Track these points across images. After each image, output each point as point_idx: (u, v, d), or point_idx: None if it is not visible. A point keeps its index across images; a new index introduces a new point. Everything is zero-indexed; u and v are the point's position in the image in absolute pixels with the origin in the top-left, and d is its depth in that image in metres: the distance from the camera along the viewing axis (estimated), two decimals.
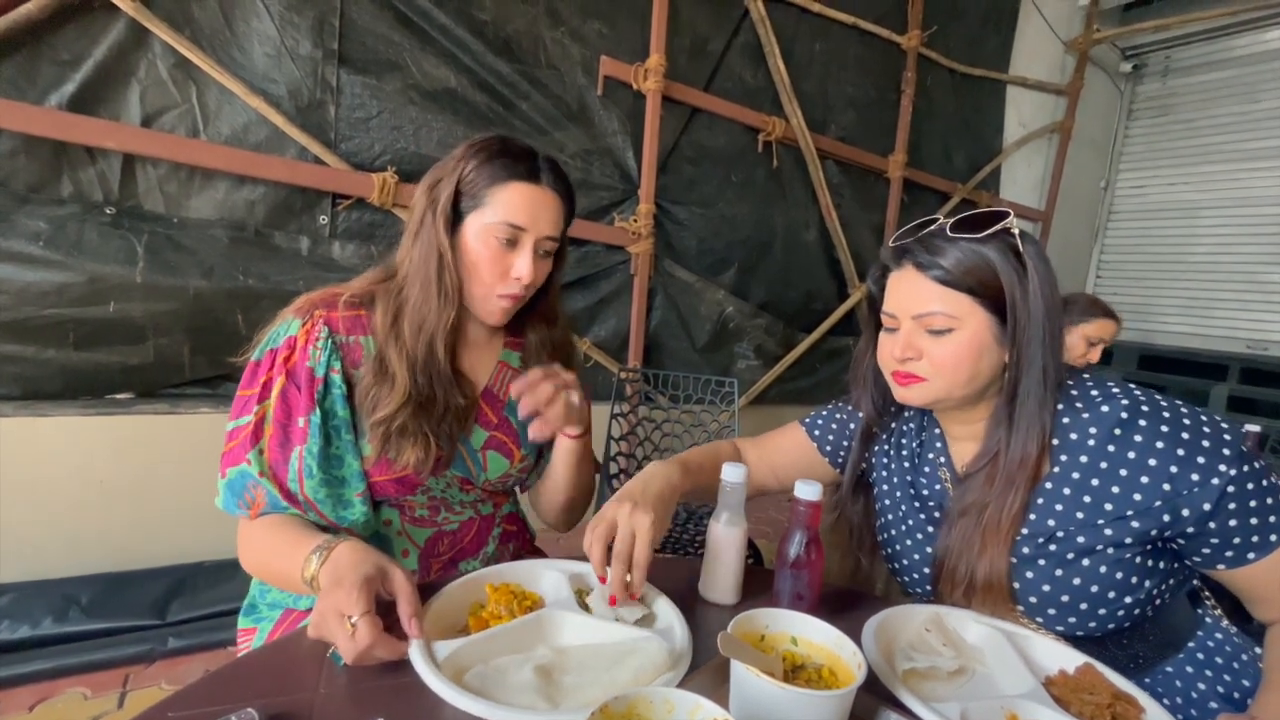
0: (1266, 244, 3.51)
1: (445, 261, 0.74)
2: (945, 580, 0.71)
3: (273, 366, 0.72)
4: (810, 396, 2.85)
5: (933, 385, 0.69)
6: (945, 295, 0.67)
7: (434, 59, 1.86)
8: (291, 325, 0.74)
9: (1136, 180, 4.05)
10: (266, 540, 0.70)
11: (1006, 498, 0.67)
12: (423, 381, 0.74)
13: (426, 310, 0.74)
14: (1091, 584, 0.64)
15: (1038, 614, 0.67)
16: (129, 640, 1.41)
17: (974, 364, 0.68)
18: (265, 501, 0.70)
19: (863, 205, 2.95)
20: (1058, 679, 0.59)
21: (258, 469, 0.69)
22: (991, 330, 0.67)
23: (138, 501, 1.58)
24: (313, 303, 0.75)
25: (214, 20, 1.57)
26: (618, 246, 2.24)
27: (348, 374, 0.74)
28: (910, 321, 0.69)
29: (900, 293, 0.71)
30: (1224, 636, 0.71)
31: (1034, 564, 0.67)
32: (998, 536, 0.67)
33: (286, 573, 0.66)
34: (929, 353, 0.68)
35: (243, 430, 0.70)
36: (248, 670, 0.53)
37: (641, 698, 0.43)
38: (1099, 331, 1.71)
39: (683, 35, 2.29)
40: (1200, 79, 3.76)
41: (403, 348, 0.74)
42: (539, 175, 0.76)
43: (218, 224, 1.62)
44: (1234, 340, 3.59)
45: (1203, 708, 0.67)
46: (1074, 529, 0.66)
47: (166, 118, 1.55)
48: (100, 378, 1.54)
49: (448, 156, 0.77)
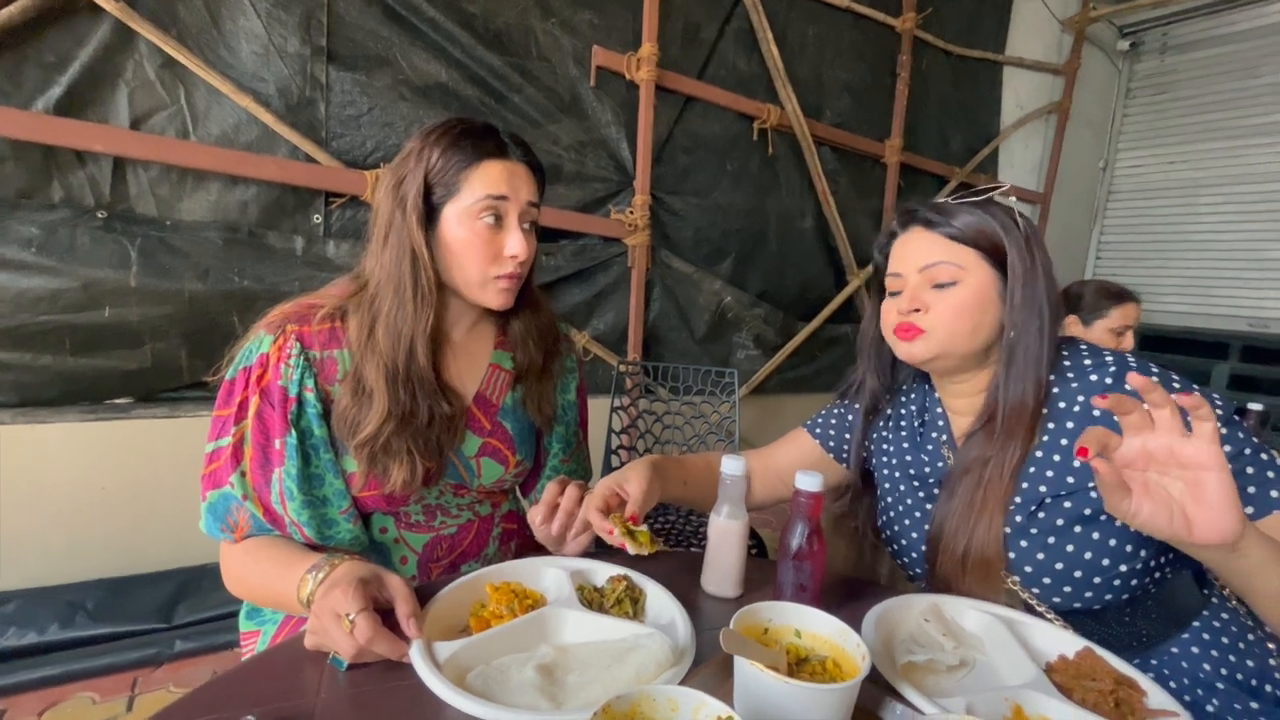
0: (1267, 221, 3.49)
1: (421, 261, 0.71)
2: (943, 554, 0.72)
3: (247, 385, 0.70)
4: (810, 385, 2.84)
5: (934, 337, 0.70)
6: (951, 248, 0.71)
7: (424, 53, 1.84)
8: (263, 341, 0.71)
9: (1135, 159, 4.01)
10: (256, 563, 0.69)
11: (1007, 452, 0.69)
12: (404, 394, 0.71)
13: (403, 314, 0.71)
14: (1084, 552, 0.65)
15: (1033, 584, 0.68)
16: (136, 644, 1.42)
17: (977, 316, 0.70)
18: (250, 525, 0.69)
19: (859, 191, 2.93)
20: (1058, 665, 0.59)
21: (241, 492, 0.68)
22: (995, 285, 0.71)
23: (140, 505, 1.58)
24: (285, 316, 0.72)
25: (200, 19, 1.55)
26: (614, 239, 2.22)
27: (323, 391, 0.71)
28: (917, 276, 0.72)
29: (907, 250, 0.74)
30: (1230, 616, 0.71)
31: (1026, 533, 0.68)
32: (999, 492, 0.69)
33: (280, 593, 0.64)
34: (933, 306, 0.71)
35: (222, 452, 0.69)
36: (247, 677, 0.53)
37: (645, 696, 0.43)
38: (1121, 319, 1.59)
39: (675, 23, 2.27)
40: (1199, 55, 3.72)
41: (380, 360, 0.70)
42: (507, 150, 0.74)
43: (211, 226, 1.61)
44: (1235, 319, 3.58)
45: (1209, 688, 0.67)
46: (1064, 494, 0.67)
47: (156, 119, 1.54)
48: (98, 383, 1.54)
49: (404, 152, 0.74)
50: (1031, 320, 0.69)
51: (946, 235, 0.71)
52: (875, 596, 0.66)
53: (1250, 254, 3.55)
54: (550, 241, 2.11)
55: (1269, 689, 0.65)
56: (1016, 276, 0.69)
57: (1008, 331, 0.70)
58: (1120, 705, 0.52)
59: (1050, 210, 3.77)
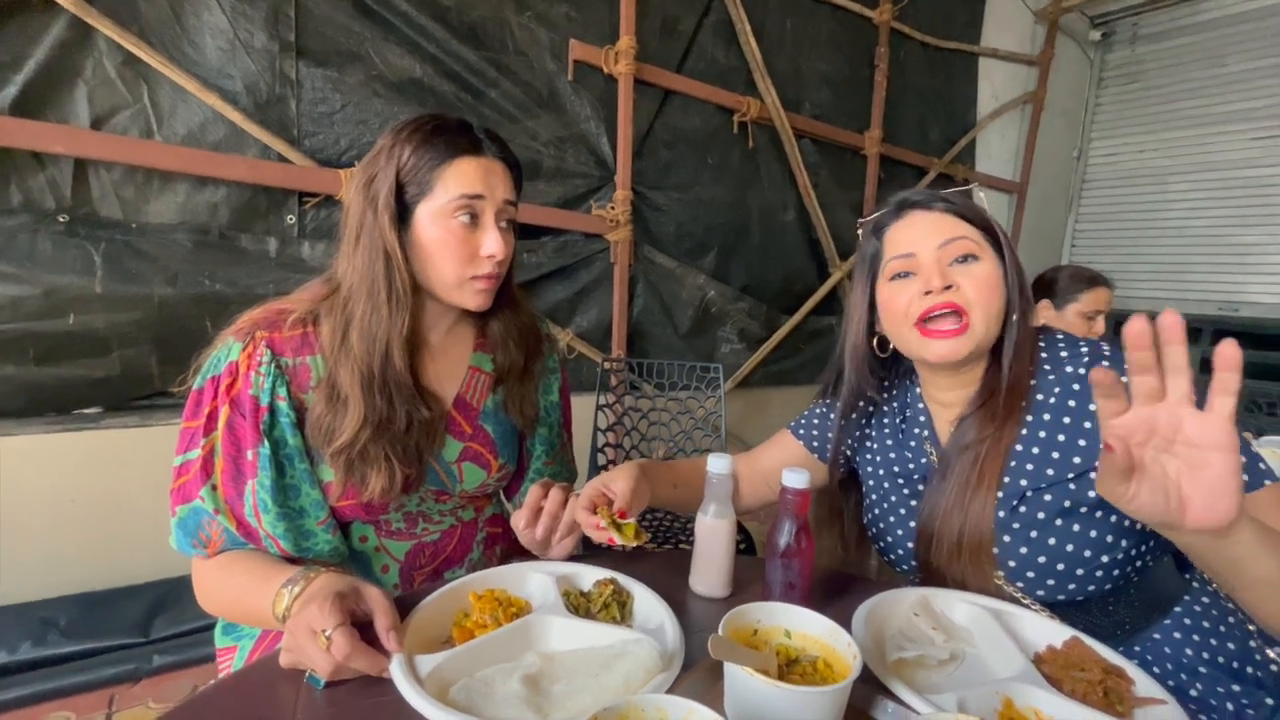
0: (1235, 207, 3.57)
1: (394, 262, 0.69)
2: (933, 547, 0.71)
3: (216, 395, 0.67)
4: (795, 378, 2.85)
5: (974, 323, 0.67)
6: (964, 225, 0.70)
7: (397, 48, 1.80)
8: (232, 349, 0.68)
9: (1108, 148, 4.08)
10: (230, 578, 0.66)
11: (1003, 431, 0.69)
12: (380, 400, 0.69)
13: (378, 318, 0.69)
14: (1066, 543, 0.65)
15: (1018, 578, 0.68)
16: (112, 660, 1.38)
17: (999, 297, 0.69)
18: (223, 539, 0.66)
19: (840, 184, 2.94)
20: (1047, 655, 0.59)
21: (212, 505, 0.65)
22: (1000, 268, 0.70)
23: (113, 518, 1.53)
24: (254, 323, 0.70)
25: (162, 14, 1.49)
26: (596, 235, 2.20)
27: (296, 399, 0.69)
28: (934, 252, 0.68)
29: (917, 229, 0.71)
30: (1210, 600, 0.72)
31: (1009, 527, 0.68)
32: (995, 468, 0.68)
33: (255, 609, 0.62)
34: (962, 283, 0.67)
35: (191, 465, 0.66)
36: (219, 699, 0.51)
37: (633, 706, 0.42)
38: (1090, 304, 1.59)
39: (652, 16, 2.24)
40: (1168, 45, 3.78)
41: (355, 365, 0.68)
42: (482, 147, 0.72)
43: (179, 228, 1.56)
44: (1206, 303, 3.66)
45: (1192, 673, 0.67)
46: (1044, 487, 0.66)
47: (118, 119, 1.48)
48: (65, 393, 1.49)
49: (375, 150, 0.71)
50: (1026, 305, 0.70)
51: (956, 214, 0.70)
52: (864, 591, 0.66)
53: (1220, 239, 3.63)
54: (531, 238, 2.08)
55: (1250, 670, 0.66)
56: (1011, 261, 0.70)
57: (1011, 314, 0.70)
58: (1109, 694, 0.52)
59: (1027, 199, 3.81)
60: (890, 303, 0.72)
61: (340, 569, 0.67)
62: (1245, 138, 3.51)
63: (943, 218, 0.71)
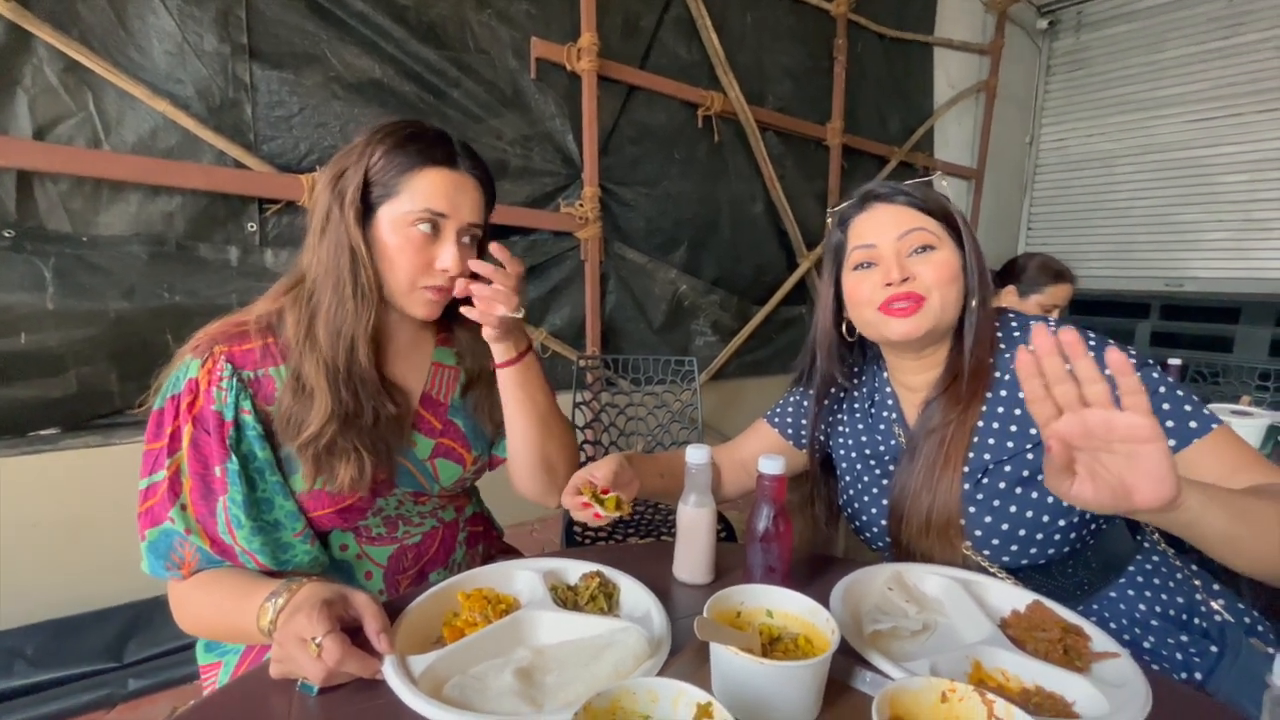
0: (1176, 187, 3.74)
1: (359, 257, 0.69)
2: (906, 519, 0.75)
3: (177, 414, 0.66)
4: (768, 368, 2.90)
5: (931, 303, 0.72)
6: (923, 217, 0.74)
7: (355, 49, 1.77)
8: (190, 366, 0.67)
9: (1058, 134, 4.22)
10: (209, 597, 0.65)
11: (967, 413, 0.73)
12: (346, 394, 0.68)
13: (343, 313, 0.69)
14: (1026, 510, 0.69)
15: (984, 546, 0.72)
16: (85, 687, 1.34)
17: (957, 284, 0.73)
18: (197, 559, 0.65)
19: (805, 175, 2.99)
20: (1011, 619, 0.63)
21: (183, 526, 0.64)
22: (959, 256, 0.74)
23: (79, 540, 1.48)
24: (212, 337, 0.69)
25: (104, 18, 1.44)
26: (565, 233, 2.20)
27: (261, 412, 0.68)
28: (893, 244, 0.73)
29: (878, 221, 0.75)
30: (1160, 558, 0.77)
31: (974, 499, 0.72)
32: (960, 448, 0.72)
33: (239, 626, 0.62)
34: (920, 273, 0.72)
35: (158, 487, 0.65)
36: (211, 713, 0.51)
37: (624, 691, 0.43)
38: (1051, 298, 1.67)
39: (614, 13, 2.24)
40: (1110, 31, 3.93)
41: (320, 357, 0.68)
42: (455, 161, 0.72)
43: (133, 240, 1.51)
44: (1153, 279, 3.83)
45: (1145, 626, 0.72)
46: (1005, 459, 0.71)
47: (62, 128, 1.43)
48: (19, 414, 1.43)
49: (350, 145, 0.71)
50: (985, 291, 0.74)
51: (916, 207, 0.75)
52: (840, 570, 0.69)
53: (1163, 219, 3.80)
54: (500, 238, 2.06)
55: (1197, 621, 0.71)
56: (971, 249, 0.74)
57: (970, 300, 0.74)
58: (1068, 651, 0.56)
59: (984, 185, 3.93)
60: (854, 291, 0.77)
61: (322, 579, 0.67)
62: (1183, 120, 3.67)
63: (903, 210, 0.75)
